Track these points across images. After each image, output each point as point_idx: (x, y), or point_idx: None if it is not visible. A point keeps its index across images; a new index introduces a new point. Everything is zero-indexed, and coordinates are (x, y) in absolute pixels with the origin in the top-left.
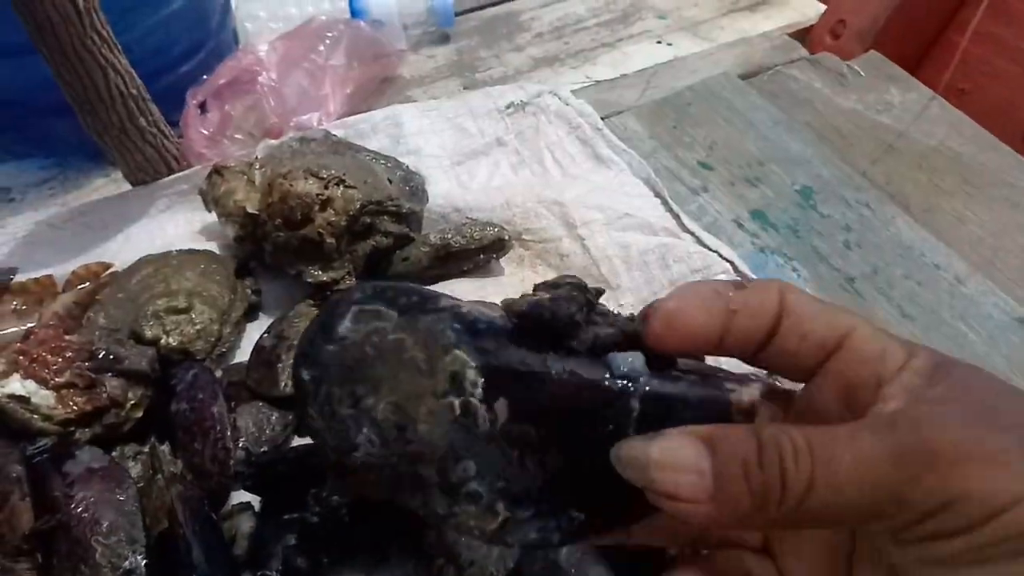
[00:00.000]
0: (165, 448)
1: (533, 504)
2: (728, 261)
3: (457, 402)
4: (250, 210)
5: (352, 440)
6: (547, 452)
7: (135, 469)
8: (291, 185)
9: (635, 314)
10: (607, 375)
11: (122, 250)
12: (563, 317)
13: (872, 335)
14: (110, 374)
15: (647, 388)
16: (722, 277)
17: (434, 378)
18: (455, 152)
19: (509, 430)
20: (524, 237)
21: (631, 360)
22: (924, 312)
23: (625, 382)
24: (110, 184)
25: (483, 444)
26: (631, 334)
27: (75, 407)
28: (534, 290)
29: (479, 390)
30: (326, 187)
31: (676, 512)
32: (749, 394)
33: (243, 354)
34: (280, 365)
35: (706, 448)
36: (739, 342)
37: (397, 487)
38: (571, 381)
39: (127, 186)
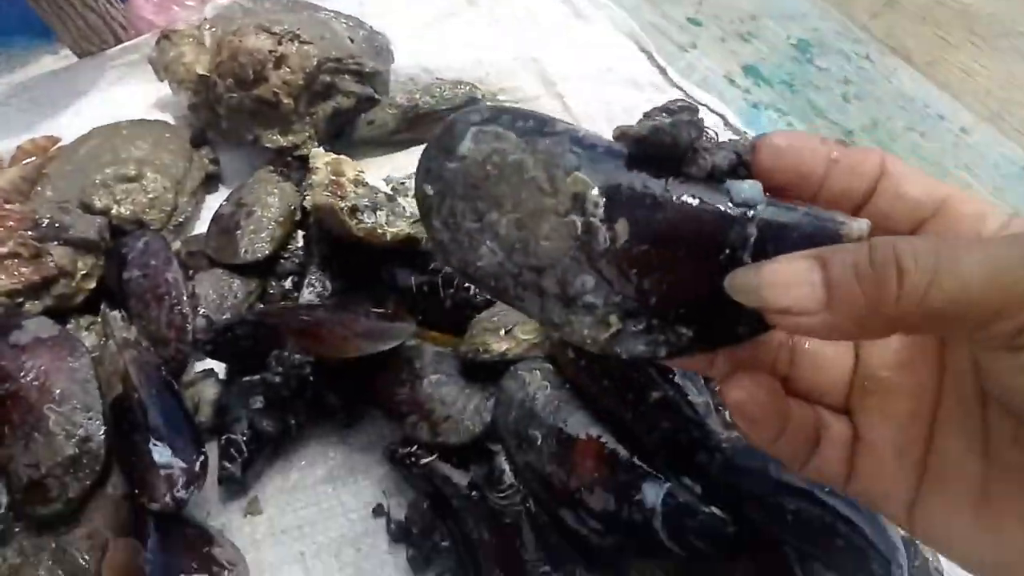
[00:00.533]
0: (117, 313)
1: (644, 319)
2: (718, 114)
3: (579, 221)
4: (200, 72)
5: (476, 251)
6: (662, 272)
7: (89, 339)
8: (241, 41)
9: (744, 142)
10: (728, 201)
11: (71, 125)
12: (684, 142)
13: (972, 199)
14: (56, 243)
15: (764, 216)
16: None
17: (556, 197)
18: (424, 14)
19: (628, 249)
20: (499, 97)
21: (749, 187)
22: (927, 163)
23: (744, 209)
24: (59, 61)
25: (602, 261)
26: (742, 163)
27: (21, 277)
28: (644, 116)
29: (600, 210)
30: (279, 43)
31: (791, 327)
32: (859, 228)
33: (203, 226)
34: (239, 232)
35: (816, 263)
36: (836, 194)
37: (516, 295)
38: (691, 205)
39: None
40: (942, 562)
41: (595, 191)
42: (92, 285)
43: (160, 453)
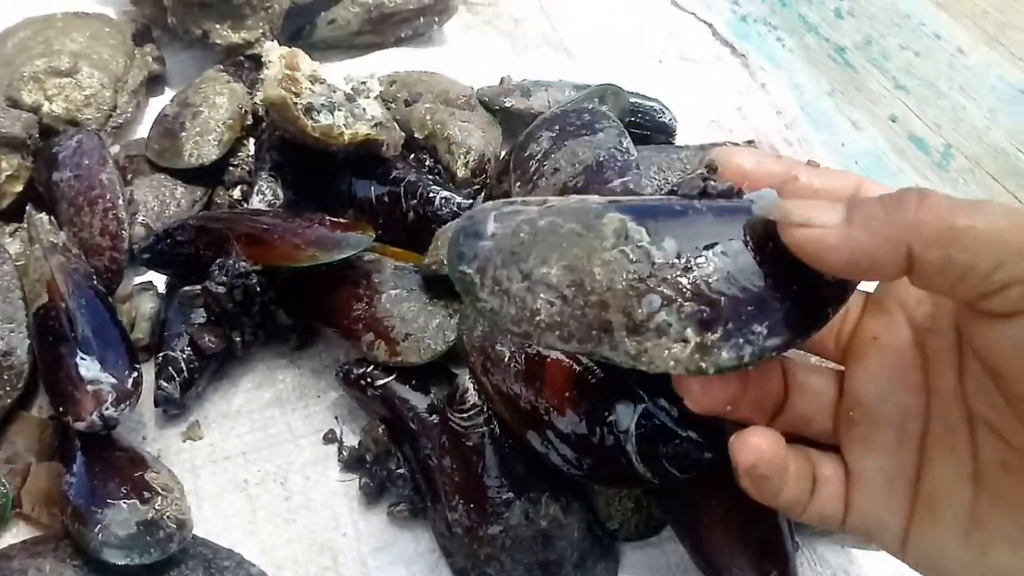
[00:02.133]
0: (44, 216)
1: (719, 326)
2: (706, 23)
3: (628, 248)
4: None
5: (532, 307)
6: (721, 276)
7: (13, 247)
8: None
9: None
10: (752, 205)
11: None
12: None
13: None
14: None
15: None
16: (699, 44)
17: (599, 239)
18: None
19: (684, 261)
20: (471, 0)
21: (767, 192)
22: (921, 84)
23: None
24: None
25: (661, 279)
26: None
27: None
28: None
29: (645, 234)
30: None
31: (808, 242)
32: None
33: (145, 131)
34: (184, 135)
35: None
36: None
37: (584, 337)
38: (728, 207)
39: None
40: None
41: (633, 223)
42: (19, 188)
43: (87, 368)
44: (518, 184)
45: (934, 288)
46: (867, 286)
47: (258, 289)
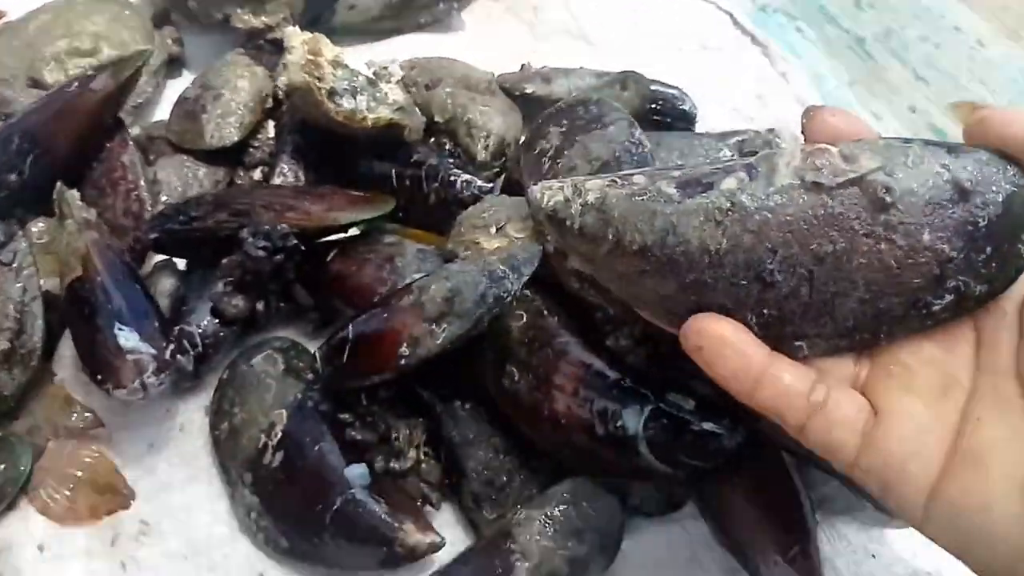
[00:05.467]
0: (75, 192)
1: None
2: (725, 11)
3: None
4: None
5: None
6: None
7: (36, 225)
8: None
9: None
10: None
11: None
12: None
13: None
14: None
15: None
16: (719, 33)
17: None
18: None
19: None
20: None
21: None
22: (940, 75)
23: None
24: None
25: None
26: None
27: None
28: None
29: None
30: None
31: (998, 119)
32: None
33: (164, 113)
34: (205, 116)
35: None
36: None
37: None
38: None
39: None
40: None
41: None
42: None
43: (127, 338)
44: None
45: None
46: None
47: (301, 249)
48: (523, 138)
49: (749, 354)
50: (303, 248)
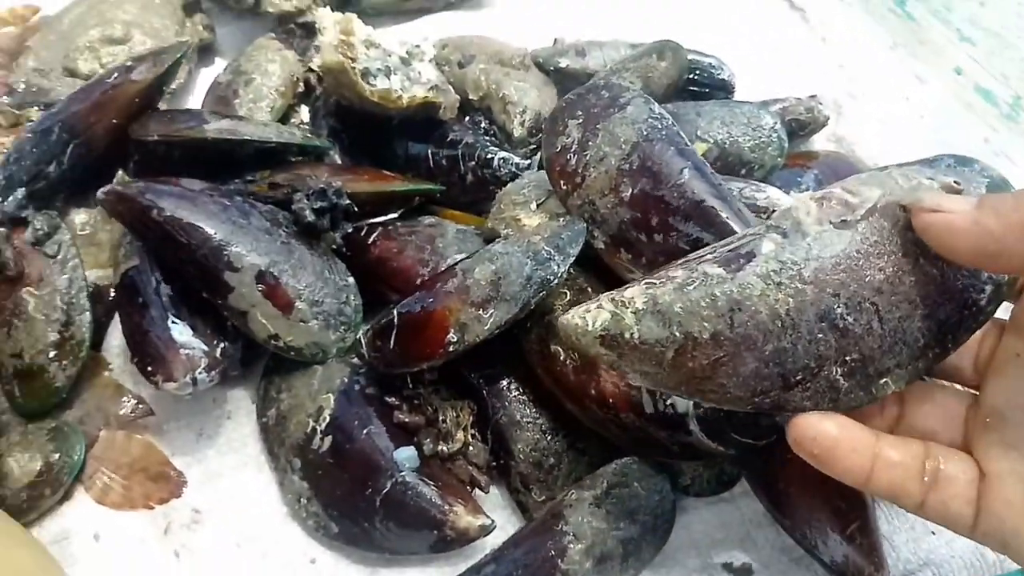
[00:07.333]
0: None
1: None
2: None
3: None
4: None
5: None
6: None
7: (80, 217)
8: None
9: None
10: None
11: None
12: None
13: None
14: (37, 108)
15: None
16: None
17: None
18: None
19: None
20: None
21: None
22: (986, 35)
23: None
24: None
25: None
26: None
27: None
28: None
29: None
30: None
31: (939, 227)
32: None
33: (196, 100)
34: (238, 101)
35: None
36: None
37: None
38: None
39: None
40: None
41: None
42: None
43: (180, 332)
44: (561, 182)
45: None
46: (1002, 314)
47: (355, 210)
48: (541, 136)
49: (859, 449)
50: (356, 210)
